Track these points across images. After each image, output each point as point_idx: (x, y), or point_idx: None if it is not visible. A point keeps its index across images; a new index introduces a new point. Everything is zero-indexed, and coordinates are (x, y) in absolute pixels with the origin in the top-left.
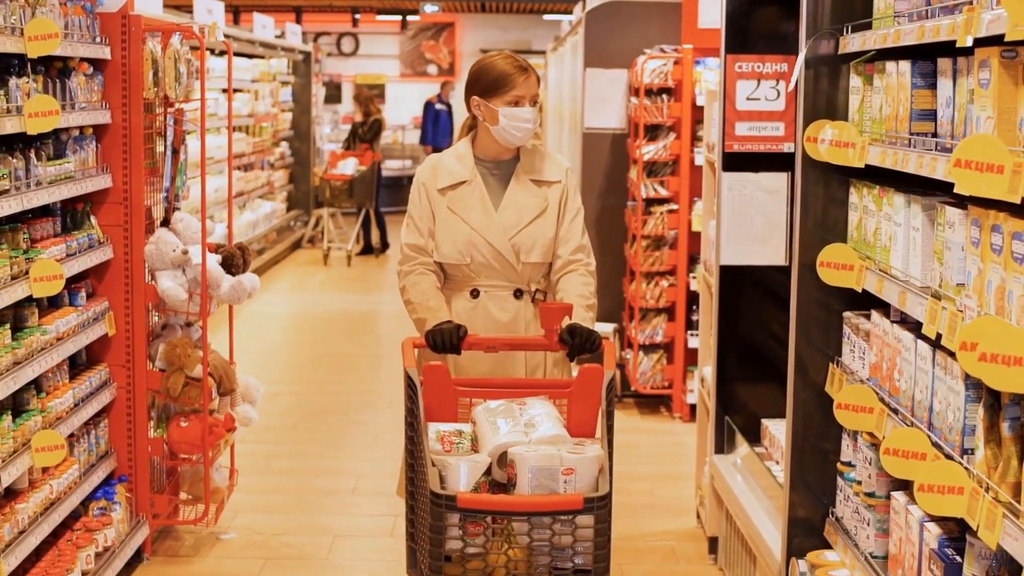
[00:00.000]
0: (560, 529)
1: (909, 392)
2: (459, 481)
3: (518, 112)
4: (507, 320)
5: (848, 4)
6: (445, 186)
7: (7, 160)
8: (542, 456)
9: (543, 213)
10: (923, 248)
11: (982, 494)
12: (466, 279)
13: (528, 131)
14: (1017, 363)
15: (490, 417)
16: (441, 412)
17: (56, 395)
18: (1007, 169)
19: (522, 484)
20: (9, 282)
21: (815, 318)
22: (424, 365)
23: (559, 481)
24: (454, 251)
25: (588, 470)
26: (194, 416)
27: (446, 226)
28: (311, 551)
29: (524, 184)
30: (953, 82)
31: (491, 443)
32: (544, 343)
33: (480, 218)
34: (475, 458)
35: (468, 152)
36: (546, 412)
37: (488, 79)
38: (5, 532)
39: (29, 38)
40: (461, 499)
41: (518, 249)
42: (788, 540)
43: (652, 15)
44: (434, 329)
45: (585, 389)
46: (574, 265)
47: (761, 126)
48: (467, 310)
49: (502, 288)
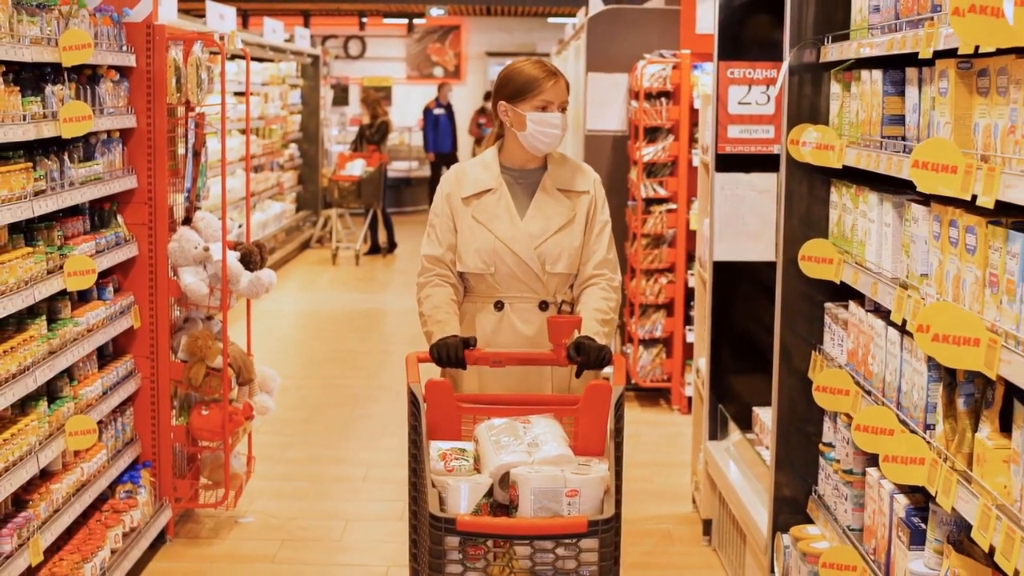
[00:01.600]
0: (564, 553)
1: (881, 375)
2: (459, 503)
3: (546, 117)
4: (532, 334)
5: (830, 15)
6: (470, 194)
7: (43, 162)
8: (545, 477)
9: (570, 223)
10: (893, 242)
11: (940, 464)
12: (490, 290)
13: (556, 137)
14: (965, 343)
15: (493, 436)
16: (444, 430)
17: (87, 383)
18: (960, 170)
19: (524, 506)
20: (45, 276)
21: (799, 309)
22: (427, 381)
23: (563, 503)
24: (478, 260)
25: (593, 491)
26: (214, 405)
27: (470, 235)
28: (325, 534)
29: (551, 193)
30: (919, 90)
31: (493, 463)
32: (552, 358)
33: (505, 227)
34: (476, 479)
35: (495, 160)
36: (551, 431)
37: (516, 84)
38: (41, 510)
39: (64, 48)
40: (461, 522)
41: (543, 259)
42: (774, 517)
43: (652, 21)
44: (438, 343)
45: (593, 406)
46: (596, 279)
47: (752, 129)
48: (492, 323)
49: (527, 300)
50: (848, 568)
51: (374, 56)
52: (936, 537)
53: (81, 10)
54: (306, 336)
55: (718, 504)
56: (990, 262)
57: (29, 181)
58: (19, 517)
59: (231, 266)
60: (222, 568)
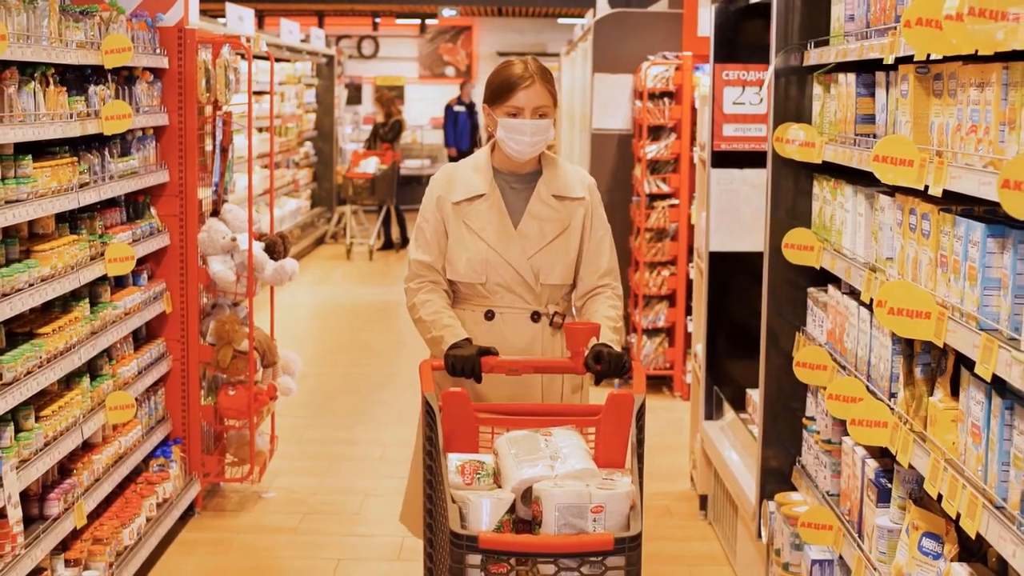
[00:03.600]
0: (589, 571)
1: (854, 350)
2: (481, 519)
3: (515, 124)
4: (523, 345)
5: (814, 22)
6: (461, 199)
7: (87, 157)
8: (569, 492)
9: (565, 232)
10: (865, 230)
11: (901, 426)
12: (480, 299)
13: (527, 144)
14: (918, 316)
15: (513, 449)
16: (460, 441)
17: (123, 363)
18: (915, 163)
19: (548, 523)
20: (88, 262)
21: (785, 294)
22: (443, 392)
23: (588, 519)
24: (469, 270)
25: (619, 507)
26: (240, 386)
27: (461, 242)
28: (344, 507)
29: (546, 200)
30: (887, 92)
31: (515, 478)
32: (569, 366)
33: (498, 236)
34: (498, 494)
35: (487, 163)
36: (573, 443)
37: (492, 86)
38: (84, 478)
39: (105, 51)
40: (483, 539)
41: (537, 270)
42: (761, 486)
43: (655, 24)
44: (452, 352)
45: (614, 417)
46: (602, 289)
47: (746, 127)
48: (481, 333)
49: (518, 311)
50: (824, 527)
51: (387, 56)
52: (900, 495)
53: (120, 16)
54: (322, 327)
55: (713, 480)
56: (941, 245)
57: (75, 174)
58: (65, 483)
59: (256, 255)
60: (247, 538)
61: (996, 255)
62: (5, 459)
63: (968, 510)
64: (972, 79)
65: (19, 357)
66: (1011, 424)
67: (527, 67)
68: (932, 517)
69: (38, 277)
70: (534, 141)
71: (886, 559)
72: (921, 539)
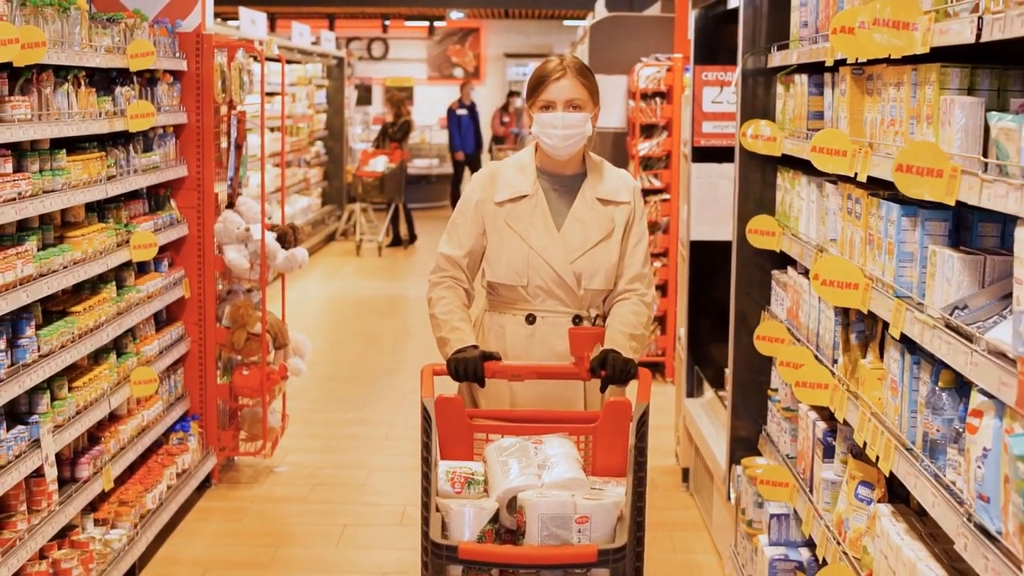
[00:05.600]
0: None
1: (806, 323)
2: (463, 529)
3: (546, 118)
4: (565, 349)
5: (781, 27)
6: (504, 199)
7: (113, 152)
8: (554, 503)
9: (608, 236)
10: (816, 216)
11: (839, 387)
12: (521, 302)
13: (558, 139)
14: (847, 286)
15: (501, 457)
16: (455, 448)
17: (146, 343)
18: (849, 153)
19: (531, 533)
20: (115, 249)
21: (752, 277)
22: (437, 397)
23: (572, 530)
24: (510, 271)
25: (605, 518)
26: (254, 366)
27: (503, 243)
28: (350, 480)
29: (590, 203)
30: (832, 91)
31: (500, 486)
32: (574, 371)
33: (541, 238)
34: (481, 503)
35: (531, 163)
36: (563, 452)
37: (529, 84)
38: (111, 446)
39: (131, 55)
40: (463, 550)
41: (580, 274)
42: (731, 453)
43: (648, 28)
44: (456, 356)
45: (612, 424)
46: (629, 294)
47: (724, 125)
48: (523, 337)
49: (560, 314)
50: (781, 484)
51: (396, 57)
52: (842, 450)
53: (143, 22)
54: (332, 319)
55: (693, 453)
56: (870, 225)
57: (103, 168)
58: (94, 450)
59: (269, 244)
60: (260, 507)
61: (909, 231)
62: (43, 423)
63: (884, 453)
64: (891, 79)
65: (55, 332)
66: (918, 376)
67: (562, 62)
68: (867, 468)
69: (71, 260)
70: (566, 135)
71: (830, 507)
72: (857, 487)
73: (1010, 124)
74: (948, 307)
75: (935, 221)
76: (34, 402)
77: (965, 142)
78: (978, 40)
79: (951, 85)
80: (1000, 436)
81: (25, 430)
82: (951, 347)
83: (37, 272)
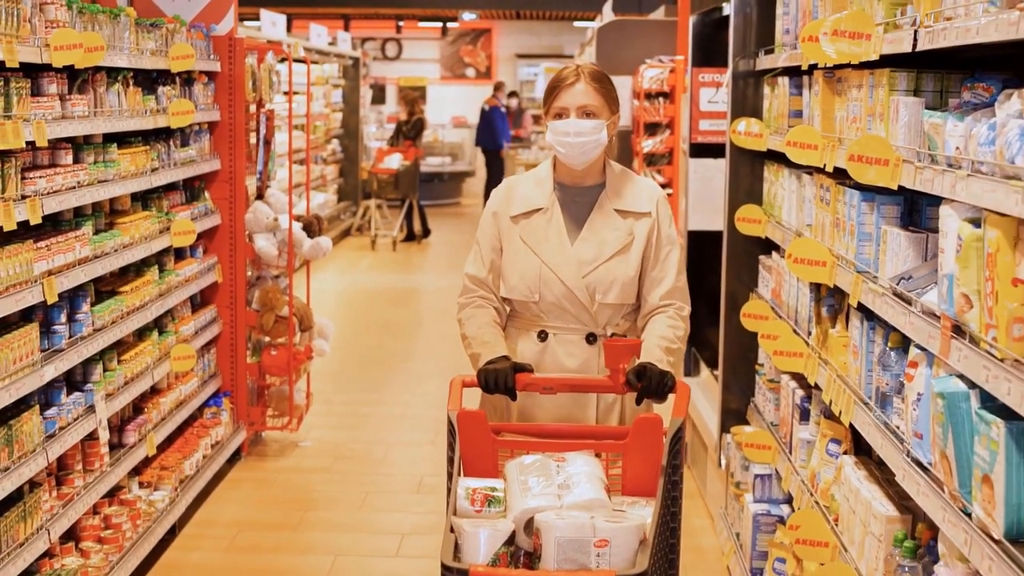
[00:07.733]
0: None
1: (787, 301)
2: (477, 551)
3: (558, 125)
4: (576, 366)
5: (769, 33)
6: (519, 213)
7: (156, 146)
8: (571, 525)
9: (626, 249)
10: (796, 204)
11: (812, 355)
12: (534, 319)
13: (571, 147)
14: (816, 264)
15: (521, 475)
16: (479, 464)
17: (184, 323)
18: (819, 147)
19: (548, 556)
20: (157, 235)
21: (741, 261)
22: (459, 411)
23: (590, 554)
24: (522, 286)
25: (626, 542)
26: (281, 347)
27: (516, 258)
28: (370, 454)
29: (608, 214)
30: (809, 91)
31: (518, 507)
32: (608, 384)
33: (553, 251)
34: (496, 524)
35: (548, 176)
36: (587, 471)
37: (545, 91)
38: (153, 416)
39: (172, 58)
40: (473, 573)
41: (593, 288)
42: (722, 423)
43: (652, 30)
44: (486, 368)
45: (642, 441)
46: (665, 308)
47: (719, 123)
48: (534, 354)
49: (572, 331)
50: (764, 447)
51: (410, 58)
52: (816, 413)
53: (182, 27)
54: (350, 310)
55: (690, 428)
56: (837, 210)
57: (147, 161)
58: (139, 419)
59: (296, 233)
60: (287, 477)
61: (867, 215)
62: (96, 391)
63: (846, 408)
64: (854, 82)
65: (107, 308)
66: (873, 340)
67: (577, 68)
68: (836, 426)
69: (120, 244)
70: (579, 142)
71: (805, 464)
72: (827, 444)
73: (937, 120)
74: (895, 277)
75: (889, 205)
76: (88, 372)
77: (908, 136)
78: (914, 49)
79: (899, 87)
80: (930, 382)
81: (81, 396)
82: (895, 310)
83: (92, 254)
